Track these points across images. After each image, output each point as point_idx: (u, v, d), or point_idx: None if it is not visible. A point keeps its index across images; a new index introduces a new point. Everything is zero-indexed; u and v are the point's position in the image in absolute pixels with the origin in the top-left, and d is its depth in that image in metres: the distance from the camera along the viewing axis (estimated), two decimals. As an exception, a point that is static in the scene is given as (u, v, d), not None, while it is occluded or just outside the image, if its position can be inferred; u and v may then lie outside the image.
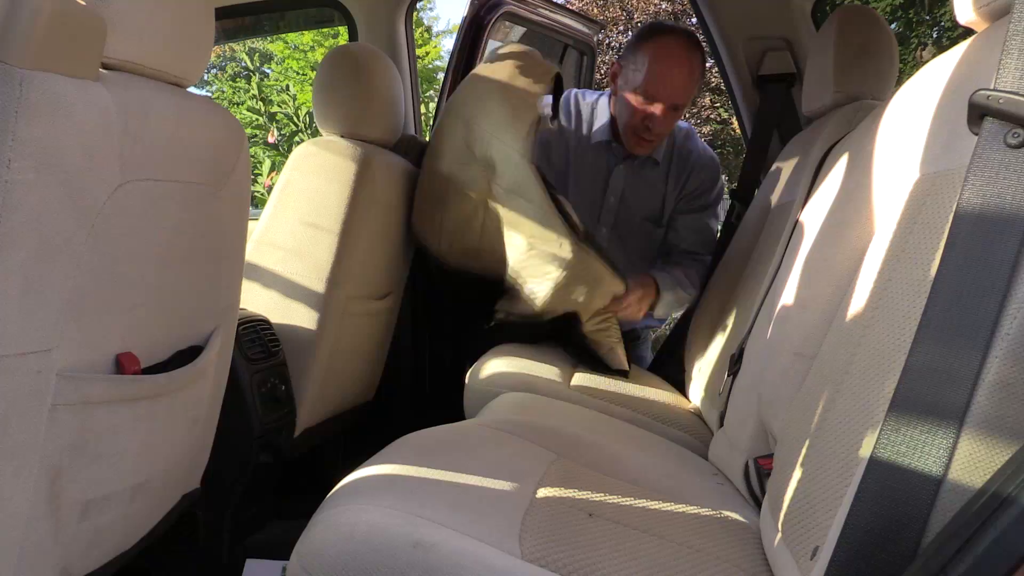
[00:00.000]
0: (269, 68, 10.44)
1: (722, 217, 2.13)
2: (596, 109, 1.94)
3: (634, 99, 1.79)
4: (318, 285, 1.66)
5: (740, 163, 2.31)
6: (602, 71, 10.32)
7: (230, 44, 8.48)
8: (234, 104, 9.55)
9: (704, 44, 2.01)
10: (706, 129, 10.70)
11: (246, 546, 1.54)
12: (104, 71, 0.86)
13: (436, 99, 2.47)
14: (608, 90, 1.97)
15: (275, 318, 1.65)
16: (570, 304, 1.76)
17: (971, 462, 0.56)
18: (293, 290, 1.66)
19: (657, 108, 1.77)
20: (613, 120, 1.92)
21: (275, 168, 6.68)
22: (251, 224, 1.31)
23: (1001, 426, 0.56)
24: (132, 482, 1.02)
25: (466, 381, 1.72)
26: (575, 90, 1.99)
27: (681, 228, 2.03)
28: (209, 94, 9.98)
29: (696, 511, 1.04)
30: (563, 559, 0.79)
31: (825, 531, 0.70)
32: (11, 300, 0.75)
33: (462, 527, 0.80)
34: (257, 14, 2.40)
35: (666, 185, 1.98)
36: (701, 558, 0.88)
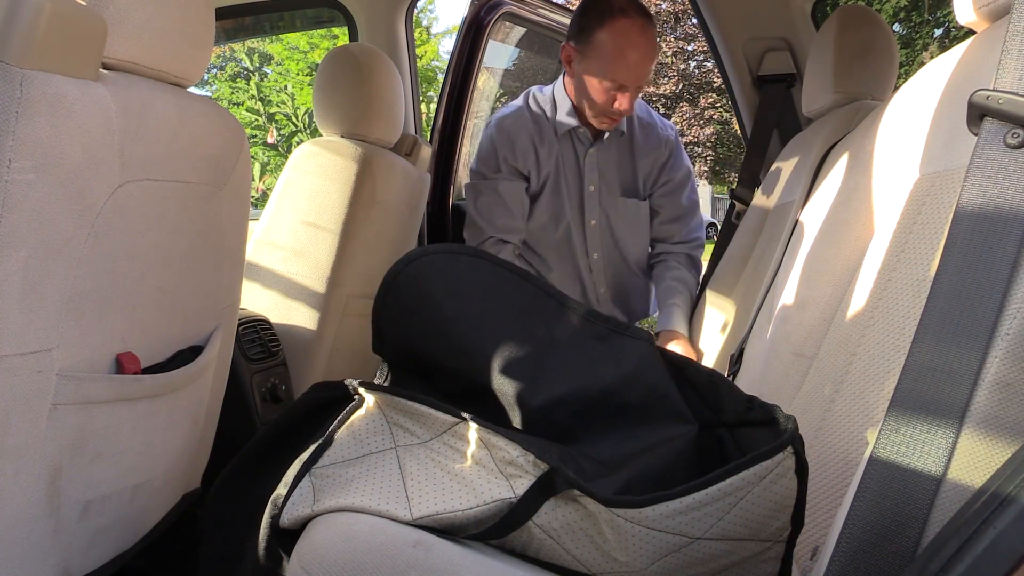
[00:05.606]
0: (268, 69, 10.43)
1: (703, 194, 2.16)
2: (556, 99, 1.93)
3: (600, 85, 1.77)
4: (318, 285, 1.66)
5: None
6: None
7: (230, 44, 8.47)
8: (234, 104, 9.55)
9: (704, 44, 1.99)
10: (708, 130, 10.68)
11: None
12: (104, 71, 0.86)
13: (436, 99, 2.46)
14: (560, 77, 1.95)
15: (275, 318, 1.65)
16: None
17: (971, 461, 0.56)
18: (293, 290, 1.66)
19: (625, 93, 1.77)
20: (574, 105, 1.90)
21: (266, 172, 6.64)
22: (251, 224, 1.31)
23: (1001, 425, 0.56)
24: (132, 482, 1.02)
25: None
26: (532, 88, 1.99)
27: (670, 214, 2.05)
28: (209, 94, 9.96)
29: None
30: (563, 559, 0.79)
31: (825, 530, 0.70)
32: (11, 300, 0.75)
33: (462, 527, 0.80)
34: (257, 14, 2.40)
35: (634, 156, 2.00)
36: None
